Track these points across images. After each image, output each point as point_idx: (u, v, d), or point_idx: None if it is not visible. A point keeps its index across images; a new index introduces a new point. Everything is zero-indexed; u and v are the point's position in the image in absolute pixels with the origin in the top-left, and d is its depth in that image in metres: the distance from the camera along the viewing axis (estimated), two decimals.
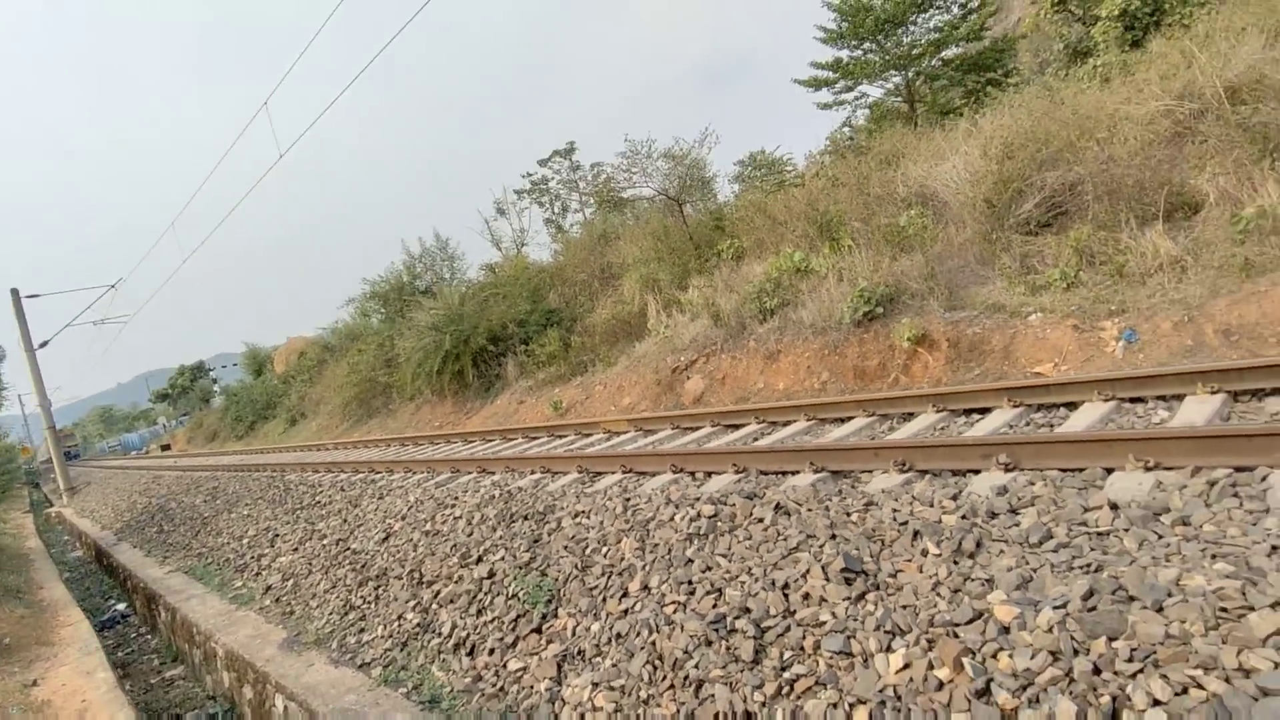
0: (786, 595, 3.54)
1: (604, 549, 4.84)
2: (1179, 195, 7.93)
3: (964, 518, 3.55)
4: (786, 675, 3.16)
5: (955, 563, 3.21)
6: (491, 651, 4.69)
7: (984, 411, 5.83)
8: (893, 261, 9.90)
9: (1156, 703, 2.15)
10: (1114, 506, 3.26)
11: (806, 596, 3.47)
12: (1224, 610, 2.33)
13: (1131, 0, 11.56)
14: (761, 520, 4.30)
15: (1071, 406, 5.36)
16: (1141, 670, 2.26)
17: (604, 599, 4.40)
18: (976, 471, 4.33)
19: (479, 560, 5.57)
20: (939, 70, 16.34)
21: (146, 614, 10.37)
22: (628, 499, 5.47)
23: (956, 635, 2.80)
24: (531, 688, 4.20)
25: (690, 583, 4.05)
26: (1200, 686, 2.11)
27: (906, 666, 2.84)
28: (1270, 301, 6.36)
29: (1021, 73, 16.84)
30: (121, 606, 11.83)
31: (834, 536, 3.82)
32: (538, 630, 4.60)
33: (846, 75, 17.08)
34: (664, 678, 3.62)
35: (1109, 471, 3.78)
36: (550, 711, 3.96)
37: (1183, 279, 7.24)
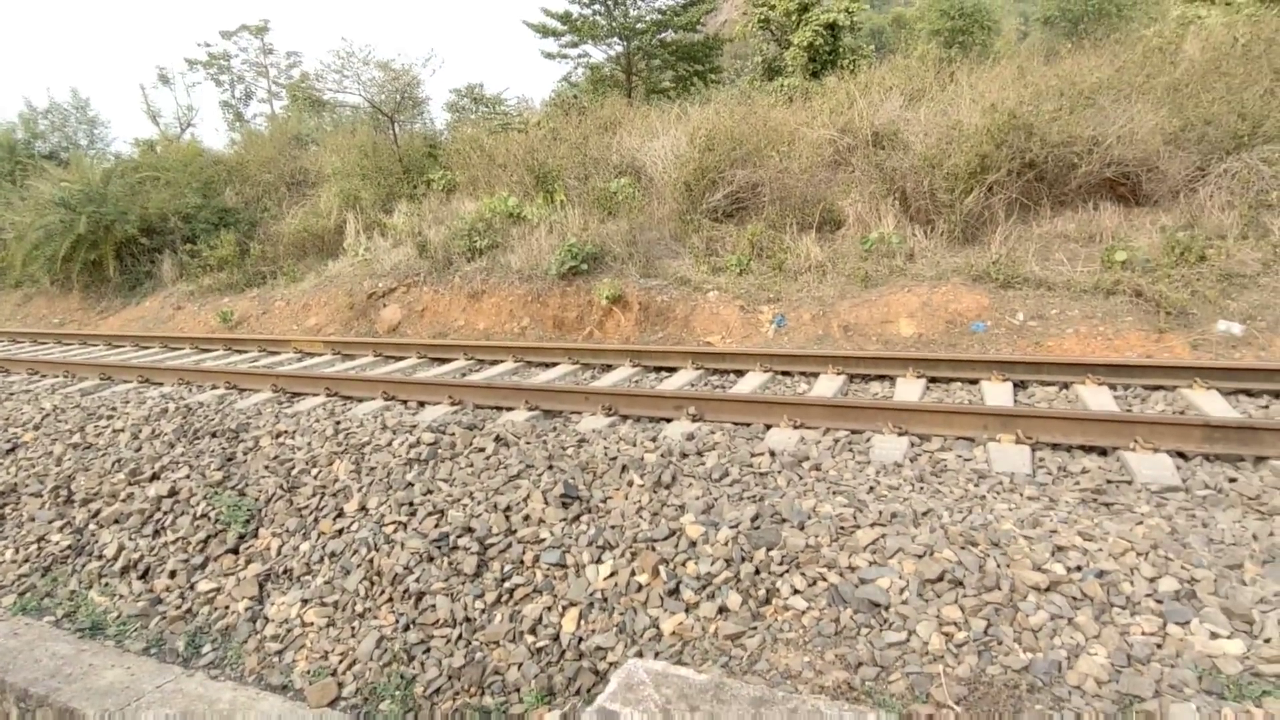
0: (508, 517, 3.92)
1: (314, 470, 4.76)
2: (829, 212, 9.76)
3: (662, 456, 4.25)
4: (507, 585, 3.56)
5: (655, 492, 3.86)
6: (174, 574, 4.37)
7: (672, 370, 6.77)
8: (601, 224, 10.64)
9: (796, 591, 2.96)
10: (773, 454, 4.20)
11: (527, 518, 3.88)
12: (842, 528, 3.25)
13: (816, 38, 13.66)
14: (483, 450, 4.61)
15: (739, 374, 6.49)
16: (788, 570, 3.07)
17: (316, 519, 4.36)
18: (669, 419, 5.12)
19: (155, 477, 5.06)
20: (656, 50, 17.58)
21: None
22: (338, 422, 5.38)
23: (655, 549, 3.44)
24: (228, 608, 4.06)
25: (412, 504, 4.23)
26: (825, 579, 2.97)
27: (613, 574, 3.41)
28: (876, 308, 8.22)
29: (724, 71, 18.83)
30: None
31: (551, 467, 4.28)
32: (234, 551, 4.40)
33: (574, 30, 17.56)
34: (382, 592, 3.79)
35: (768, 427, 4.80)
36: (251, 629, 3.90)
37: (823, 281, 8.98)
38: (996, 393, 5.37)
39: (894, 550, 3.04)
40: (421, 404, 6.04)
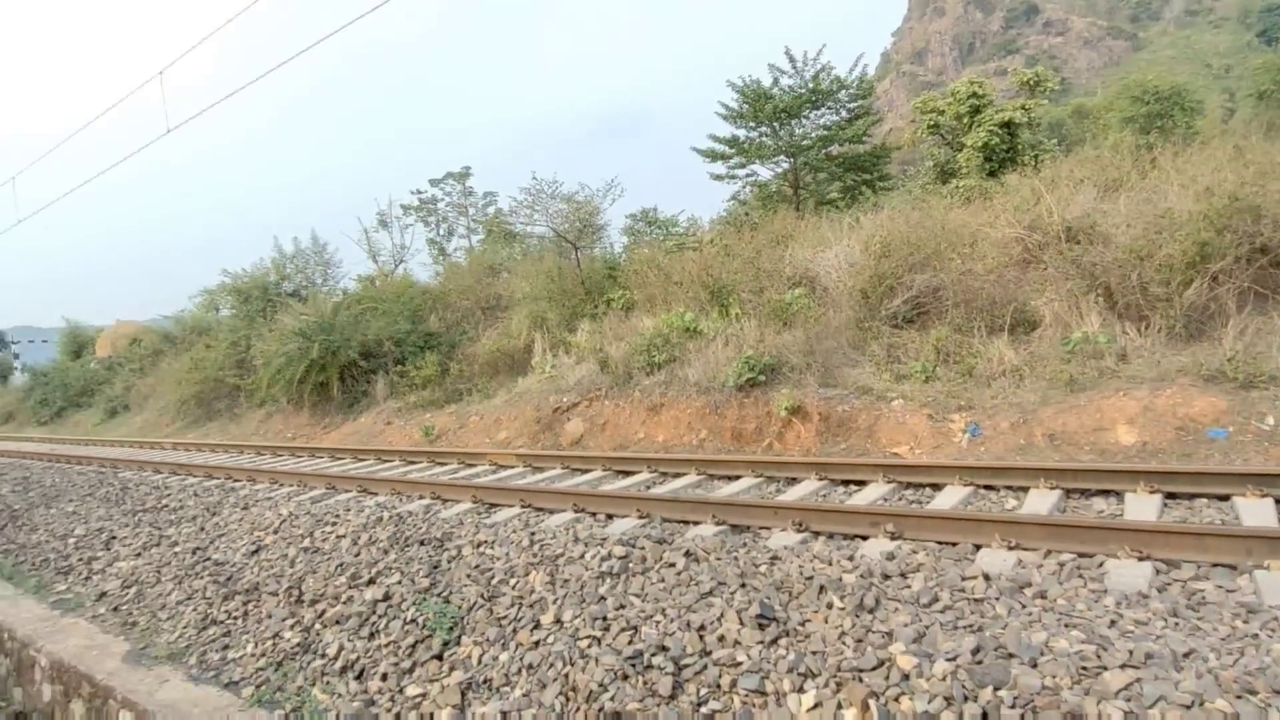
0: (703, 636, 3.83)
1: (512, 580, 4.94)
2: (1022, 312, 9.19)
3: (862, 577, 4.02)
4: (704, 710, 3.43)
5: (858, 616, 3.64)
6: (385, 676, 4.62)
7: (860, 484, 6.48)
8: (776, 335, 10.67)
9: None
10: (987, 578, 3.84)
11: (722, 638, 3.77)
12: (1084, 668, 2.87)
13: (992, 137, 13.36)
14: (673, 565, 4.59)
15: (936, 487, 6.09)
16: (1023, 715, 2.73)
17: (514, 630, 4.49)
18: (865, 537, 4.86)
19: (371, 582, 5.47)
20: (823, 163, 17.87)
21: None
22: (532, 533, 5.59)
23: (862, 680, 3.20)
24: (433, 715, 4.21)
25: (605, 619, 4.25)
26: None
27: (817, 706, 3.19)
28: (1086, 414, 7.50)
29: (893, 178, 18.75)
30: None
31: (744, 585, 4.17)
32: (439, 657, 4.60)
33: (741, 153, 18.32)
34: (578, 709, 3.78)
35: (978, 547, 4.41)
36: None
37: (1020, 386, 8.36)
38: (1256, 510, 4.63)
39: (1154, 698, 2.63)
40: (610, 516, 6.16)
